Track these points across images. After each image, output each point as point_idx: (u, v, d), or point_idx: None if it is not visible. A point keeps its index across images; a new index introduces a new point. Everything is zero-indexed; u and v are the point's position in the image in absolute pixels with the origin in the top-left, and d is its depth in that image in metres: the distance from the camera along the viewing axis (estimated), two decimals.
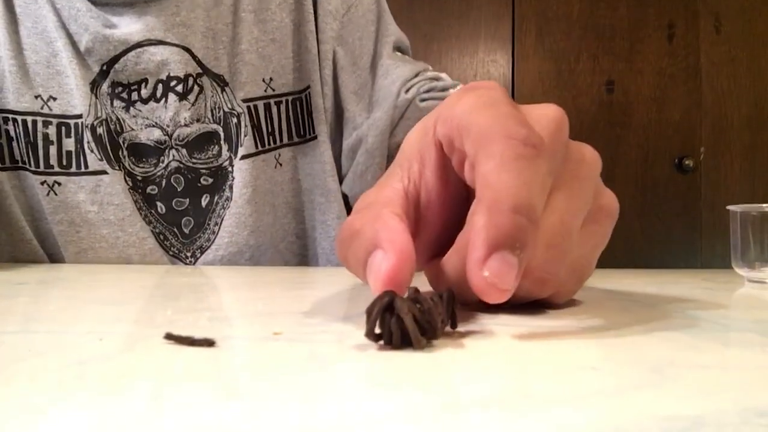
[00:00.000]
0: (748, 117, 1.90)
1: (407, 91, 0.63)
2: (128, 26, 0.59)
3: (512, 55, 1.90)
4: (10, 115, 0.60)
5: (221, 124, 0.62)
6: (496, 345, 0.21)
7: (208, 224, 0.62)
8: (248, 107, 0.62)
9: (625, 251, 1.86)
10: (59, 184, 0.60)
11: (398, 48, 0.68)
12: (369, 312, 0.20)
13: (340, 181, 0.67)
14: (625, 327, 0.25)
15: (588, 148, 0.28)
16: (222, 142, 0.62)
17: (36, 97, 0.60)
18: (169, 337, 0.21)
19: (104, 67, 0.59)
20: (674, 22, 1.90)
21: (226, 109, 0.62)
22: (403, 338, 0.20)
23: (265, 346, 0.21)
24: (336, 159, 0.66)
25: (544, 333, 0.23)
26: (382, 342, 0.20)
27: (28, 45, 0.60)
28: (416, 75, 0.64)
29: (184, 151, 0.61)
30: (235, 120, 0.62)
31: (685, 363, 0.19)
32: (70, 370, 0.17)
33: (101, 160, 0.60)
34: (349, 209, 0.66)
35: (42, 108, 0.60)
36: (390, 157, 0.63)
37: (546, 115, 0.26)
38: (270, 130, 0.63)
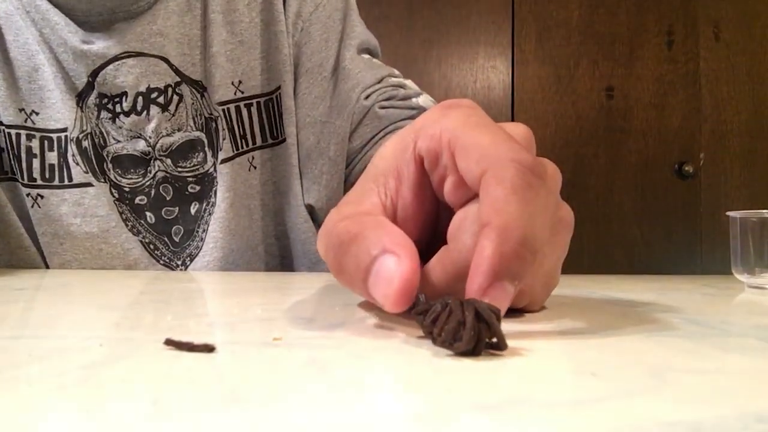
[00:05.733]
0: (748, 123, 1.90)
1: (367, 97, 0.62)
2: (106, 40, 0.59)
3: (512, 60, 1.90)
4: (1, 127, 0.60)
5: (204, 131, 0.61)
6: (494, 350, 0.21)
7: (197, 231, 0.62)
8: (223, 110, 0.62)
9: (625, 257, 1.86)
10: (42, 197, 0.60)
11: (366, 50, 0.67)
12: (461, 321, 0.20)
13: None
14: (624, 332, 0.25)
15: (549, 163, 0.28)
16: (206, 148, 0.61)
17: (20, 110, 0.60)
18: (169, 342, 0.21)
19: (90, 79, 0.59)
20: (673, 29, 1.90)
21: (207, 115, 0.61)
22: (478, 344, 0.20)
23: (265, 351, 0.21)
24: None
25: (542, 338, 0.23)
26: (451, 349, 0.20)
27: (11, 58, 0.60)
28: (379, 81, 0.63)
29: (168, 161, 0.60)
30: (214, 125, 0.61)
31: (684, 368, 0.19)
32: (71, 375, 0.17)
33: (87, 172, 0.59)
34: (313, 218, 0.65)
35: (26, 121, 0.60)
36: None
37: (518, 135, 0.26)
38: (242, 133, 0.62)
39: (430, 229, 0.28)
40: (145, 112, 0.60)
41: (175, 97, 0.60)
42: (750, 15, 1.90)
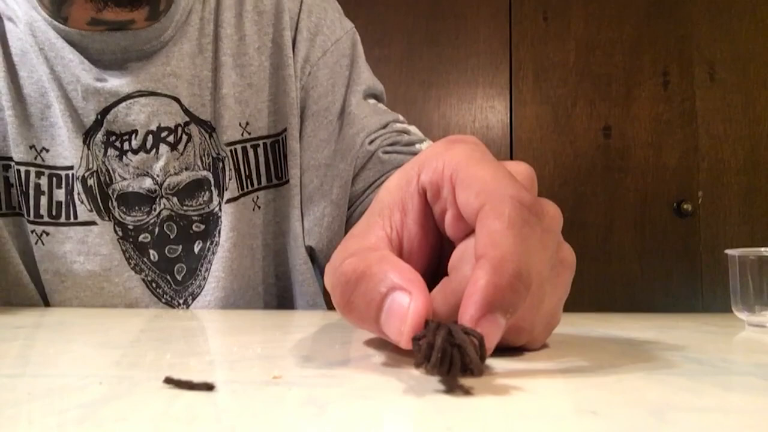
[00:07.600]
0: (745, 161, 1.92)
1: (371, 142, 0.63)
2: (119, 78, 0.60)
3: (510, 101, 1.92)
4: (11, 163, 0.60)
5: (211, 170, 0.62)
6: (494, 388, 0.21)
7: (200, 270, 0.62)
8: (230, 151, 0.62)
9: (625, 295, 1.86)
10: (47, 234, 0.60)
11: (372, 95, 0.68)
12: (430, 344, 0.20)
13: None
14: (625, 370, 0.25)
15: (550, 204, 0.28)
16: (212, 187, 0.62)
17: (30, 147, 0.60)
18: (169, 380, 0.21)
19: (98, 117, 0.60)
20: (669, 69, 1.93)
21: (214, 155, 0.62)
22: (452, 367, 0.19)
23: (265, 389, 0.21)
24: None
25: (544, 377, 0.23)
26: (428, 371, 0.20)
27: (24, 95, 0.61)
28: (384, 126, 0.64)
29: (174, 199, 0.61)
30: (221, 165, 0.62)
31: (685, 406, 0.19)
32: (71, 414, 0.17)
33: (91, 210, 0.60)
34: (312, 259, 0.65)
35: (35, 159, 0.60)
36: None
37: (520, 173, 0.26)
38: (248, 173, 0.63)
39: (434, 261, 0.29)
40: (154, 151, 0.60)
41: (184, 137, 0.61)
42: (744, 55, 1.93)
